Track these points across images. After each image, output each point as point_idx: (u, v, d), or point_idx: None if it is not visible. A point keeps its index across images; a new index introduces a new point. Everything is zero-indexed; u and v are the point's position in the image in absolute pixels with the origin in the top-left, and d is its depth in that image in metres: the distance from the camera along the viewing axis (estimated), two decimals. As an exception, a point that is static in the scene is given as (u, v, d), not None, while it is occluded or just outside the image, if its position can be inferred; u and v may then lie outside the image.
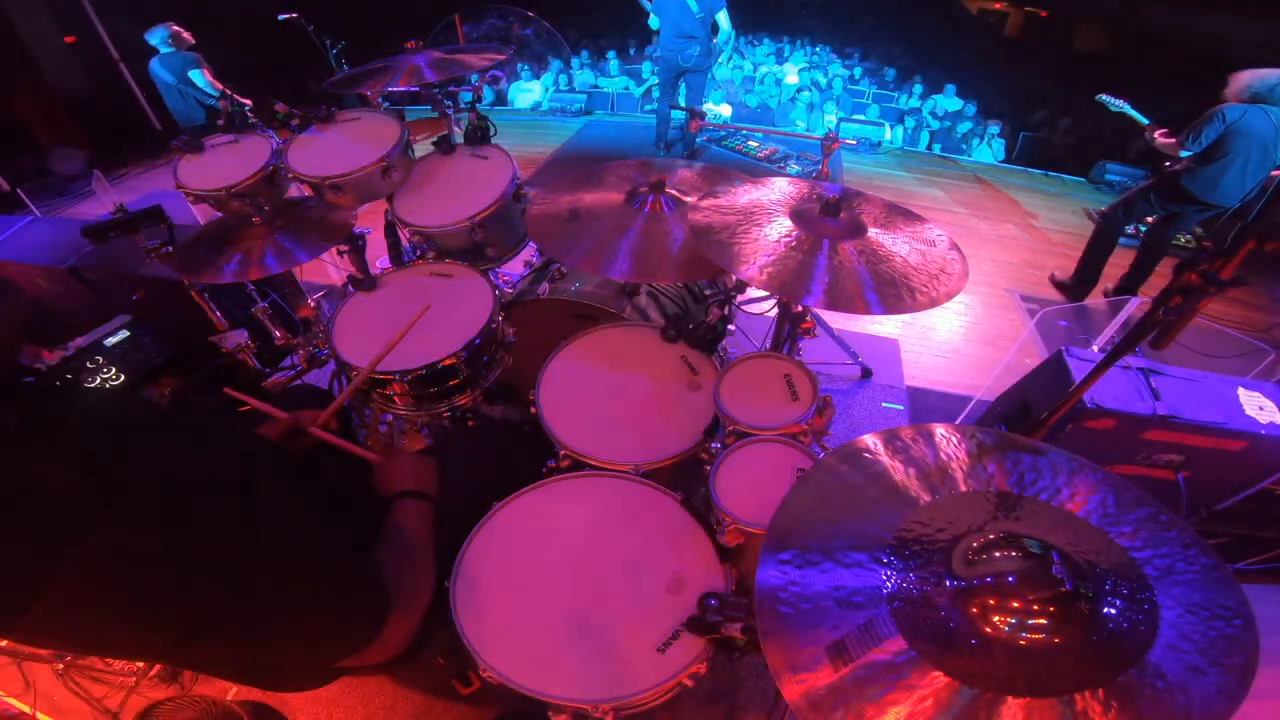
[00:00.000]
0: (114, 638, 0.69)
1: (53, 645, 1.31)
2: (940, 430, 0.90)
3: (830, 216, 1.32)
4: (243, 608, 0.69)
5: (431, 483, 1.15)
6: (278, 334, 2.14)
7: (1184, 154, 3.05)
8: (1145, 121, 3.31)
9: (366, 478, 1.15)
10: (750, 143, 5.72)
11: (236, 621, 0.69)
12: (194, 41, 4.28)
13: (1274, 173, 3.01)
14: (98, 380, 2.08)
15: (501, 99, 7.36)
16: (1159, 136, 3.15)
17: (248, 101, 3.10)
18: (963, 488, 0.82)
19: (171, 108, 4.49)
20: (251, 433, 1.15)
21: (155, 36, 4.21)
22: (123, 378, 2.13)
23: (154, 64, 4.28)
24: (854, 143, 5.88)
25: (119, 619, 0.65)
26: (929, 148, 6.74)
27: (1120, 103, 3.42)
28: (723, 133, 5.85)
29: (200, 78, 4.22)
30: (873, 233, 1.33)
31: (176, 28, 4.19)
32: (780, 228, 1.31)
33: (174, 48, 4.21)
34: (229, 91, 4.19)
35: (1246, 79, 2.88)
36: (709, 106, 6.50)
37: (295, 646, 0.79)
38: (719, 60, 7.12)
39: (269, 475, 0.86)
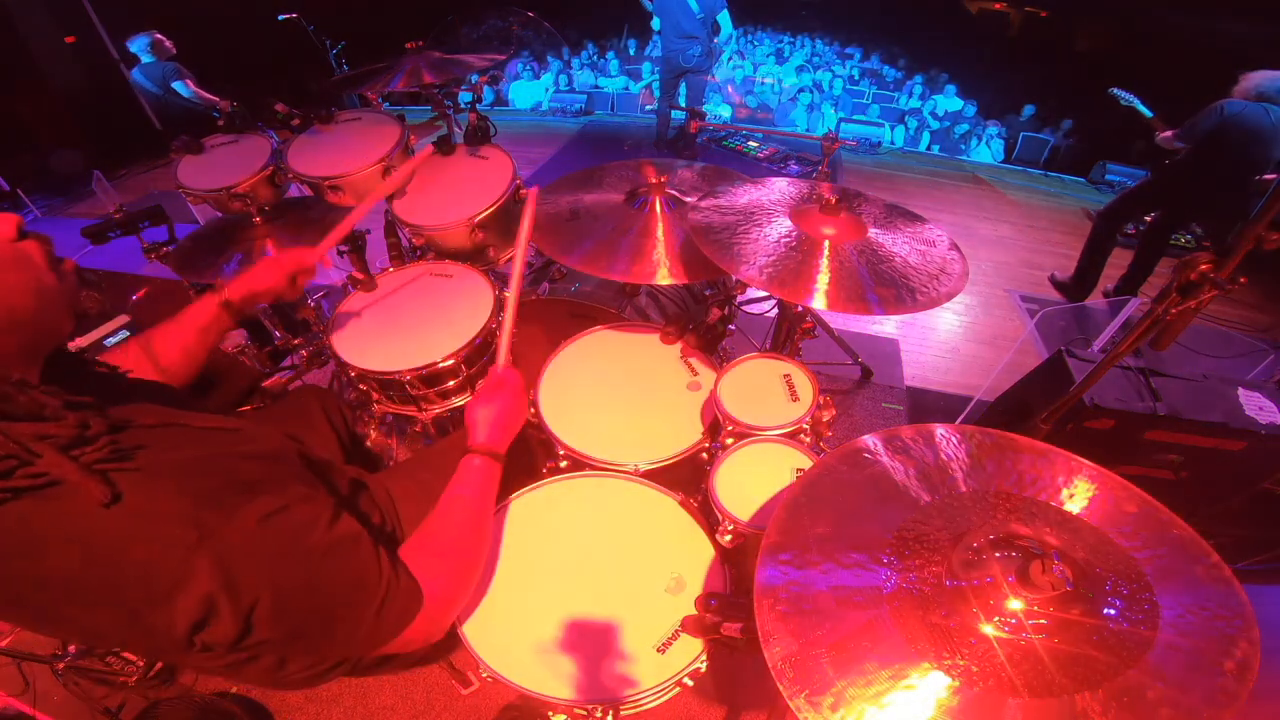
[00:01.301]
0: (122, 629, 0.68)
1: (61, 635, 1.31)
2: (940, 430, 0.90)
3: (830, 216, 1.32)
4: (254, 605, 0.68)
5: (509, 443, 1.08)
6: (278, 334, 2.14)
7: (1178, 144, 3.05)
8: (1150, 115, 3.30)
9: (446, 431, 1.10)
10: (750, 143, 5.72)
11: (245, 618, 0.68)
12: (174, 51, 4.24)
13: (1269, 176, 2.99)
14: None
15: (501, 99, 7.36)
16: (1159, 132, 3.15)
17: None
18: (963, 488, 0.82)
19: (155, 113, 4.48)
20: (276, 431, 1.13)
21: (137, 45, 4.17)
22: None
23: (135, 73, 4.25)
24: (854, 143, 5.89)
25: (126, 614, 0.65)
26: (929, 148, 6.75)
27: (1130, 96, 3.41)
28: (723, 133, 5.85)
29: (184, 88, 4.19)
30: (873, 233, 1.33)
31: (158, 36, 4.15)
32: (780, 228, 1.31)
33: (155, 56, 4.17)
34: (215, 98, 4.17)
35: (1257, 79, 2.87)
36: (708, 107, 6.51)
37: (309, 646, 0.78)
38: (720, 61, 7.14)
39: (295, 472, 0.85)
